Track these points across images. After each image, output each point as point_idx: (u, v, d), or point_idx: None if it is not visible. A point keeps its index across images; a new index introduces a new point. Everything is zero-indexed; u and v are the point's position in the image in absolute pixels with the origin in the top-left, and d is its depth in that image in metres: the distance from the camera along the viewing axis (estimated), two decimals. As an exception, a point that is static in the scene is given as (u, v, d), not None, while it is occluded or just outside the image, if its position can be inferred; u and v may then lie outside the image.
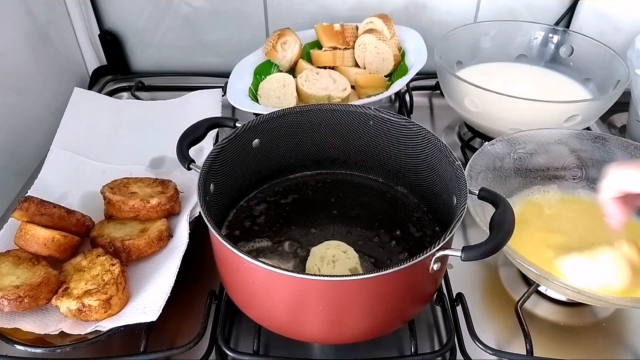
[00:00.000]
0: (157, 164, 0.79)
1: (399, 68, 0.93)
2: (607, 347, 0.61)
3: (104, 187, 0.68)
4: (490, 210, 0.53)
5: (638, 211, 0.69)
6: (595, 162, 0.72)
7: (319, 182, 0.73)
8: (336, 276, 0.48)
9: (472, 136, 0.90)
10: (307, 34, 0.98)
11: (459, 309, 0.62)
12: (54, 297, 0.56)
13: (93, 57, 1.06)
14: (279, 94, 0.88)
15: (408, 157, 0.67)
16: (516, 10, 1.02)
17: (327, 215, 0.68)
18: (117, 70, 1.09)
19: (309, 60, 0.96)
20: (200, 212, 0.55)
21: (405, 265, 0.47)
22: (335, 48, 0.95)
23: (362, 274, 0.51)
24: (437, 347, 0.60)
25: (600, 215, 0.57)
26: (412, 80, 0.86)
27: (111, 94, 1.01)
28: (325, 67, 0.93)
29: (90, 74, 1.07)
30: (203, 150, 0.76)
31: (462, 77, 0.79)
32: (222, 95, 0.90)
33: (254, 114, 0.79)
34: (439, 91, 0.96)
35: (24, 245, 0.60)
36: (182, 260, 0.60)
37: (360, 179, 0.74)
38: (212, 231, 0.51)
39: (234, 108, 0.88)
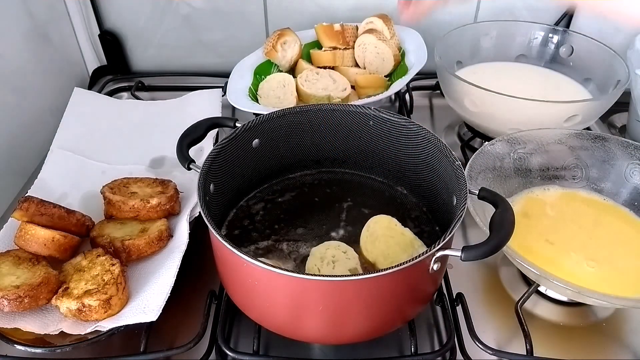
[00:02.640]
0: (157, 164, 0.79)
1: (399, 68, 0.93)
2: (607, 347, 0.61)
3: (104, 187, 0.68)
4: (490, 210, 0.53)
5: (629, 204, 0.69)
6: (595, 162, 0.72)
7: (319, 181, 0.73)
8: (336, 276, 0.48)
9: (472, 136, 0.90)
10: (307, 34, 0.98)
11: (459, 309, 0.62)
12: (54, 297, 0.56)
13: (93, 57, 1.06)
14: (279, 94, 0.88)
15: (408, 157, 0.67)
16: (516, 11, 1.02)
17: (327, 215, 0.68)
18: (117, 70, 1.09)
19: (309, 60, 0.96)
20: (200, 212, 0.55)
21: (405, 265, 0.47)
22: (335, 48, 0.95)
23: (362, 274, 0.51)
24: (437, 347, 0.60)
25: (601, 214, 0.57)
26: (412, 80, 0.86)
27: (111, 94, 1.01)
28: (325, 67, 0.93)
29: (90, 74, 1.07)
30: (203, 150, 0.76)
31: (462, 77, 0.79)
32: (222, 95, 0.90)
33: (254, 114, 0.79)
34: (439, 91, 0.96)
35: (24, 245, 0.60)
36: (182, 260, 0.60)
37: (361, 178, 0.74)
38: (212, 231, 0.51)
39: (234, 108, 0.88)
